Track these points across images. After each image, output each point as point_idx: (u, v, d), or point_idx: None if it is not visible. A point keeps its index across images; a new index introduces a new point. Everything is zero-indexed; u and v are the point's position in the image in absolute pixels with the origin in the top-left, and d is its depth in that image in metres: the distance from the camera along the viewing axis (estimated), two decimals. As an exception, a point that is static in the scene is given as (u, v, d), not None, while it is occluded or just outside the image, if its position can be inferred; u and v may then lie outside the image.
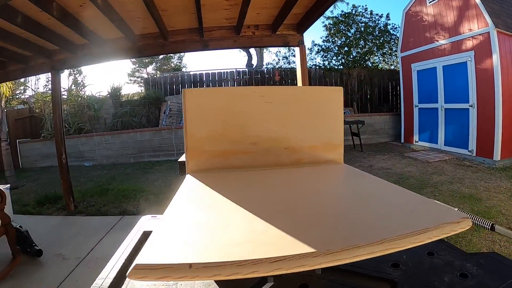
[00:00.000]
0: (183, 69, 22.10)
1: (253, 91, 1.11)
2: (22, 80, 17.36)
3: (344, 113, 10.96)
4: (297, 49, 5.02)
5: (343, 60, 12.89)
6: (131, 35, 5.17)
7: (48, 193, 6.43)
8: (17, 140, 9.78)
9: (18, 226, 4.00)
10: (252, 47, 5.12)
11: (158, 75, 18.50)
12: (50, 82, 20.21)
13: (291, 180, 0.98)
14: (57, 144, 6.10)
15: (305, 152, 1.11)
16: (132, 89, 25.98)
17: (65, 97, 12.02)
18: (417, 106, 9.48)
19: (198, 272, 0.45)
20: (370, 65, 13.19)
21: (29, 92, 15.61)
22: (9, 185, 5.30)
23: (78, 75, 21.40)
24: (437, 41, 8.52)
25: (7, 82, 8.03)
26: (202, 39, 5.21)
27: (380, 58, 13.71)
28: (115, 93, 12.53)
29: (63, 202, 5.87)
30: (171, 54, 22.15)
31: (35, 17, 4.09)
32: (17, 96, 17.97)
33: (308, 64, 13.21)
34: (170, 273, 0.45)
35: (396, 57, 11.73)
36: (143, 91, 13.77)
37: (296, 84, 4.94)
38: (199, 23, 4.63)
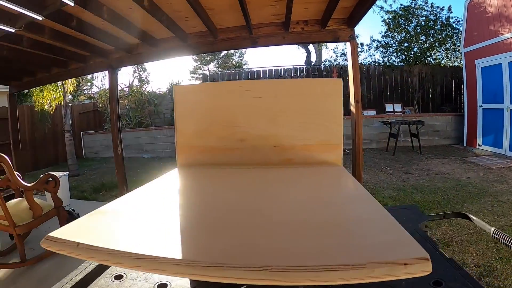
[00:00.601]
0: (244, 66, 22.41)
1: (240, 86, 1.03)
2: (89, 77, 19.00)
3: (404, 112, 10.29)
4: (348, 45, 4.72)
5: (403, 57, 12.04)
6: (182, 34, 5.28)
7: (105, 181, 6.90)
8: (81, 132, 10.67)
9: (71, 209, 4.30)
10: (301, 43, 4.97)
11: (216, 72, 18.97)
12: (117, 78, 21.64)
13: (269, 181, 0.85)
14: (113, 136, 6.49)
15: (296, 151, 0.97)
16: None
17: (127, 93, 12.82)
18: (481, 106, 8.51)
19: (82, 251, 0.48)
20: (432, 61, 12.15)
21: (95, 89, 16.88)
22: (67, 172, 5.75)
23: (142, 72, 22.90)
24: (502, 34, 7.55)
25: (71, 79, 8.70)
26: (251, 36, 5.15)
27: (443, 54, 12.56)
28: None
29: (117, 190, 6.24)
30: (232, 52, 22.74)
31: (88, 20, 4.35)
32: (84, 92, 19.70)
33: (367, 61, 12.66)
34: (62, 247, 0.50)
35: (460, 53, 10.67)
36: None
37: (354, 80, 4.65)
38: (246, 20, 4.59)
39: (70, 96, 17.32)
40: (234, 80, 12.76)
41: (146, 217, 0.62)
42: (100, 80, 19.99)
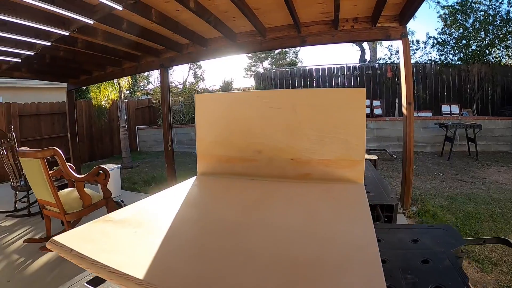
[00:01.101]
0: (298, 64, 22.21)
1: (258, 96, 1.00)
2: (145, 74, 19.98)
3: (461, 114, 9.54)
4: (399, 43, 4.45)
5: (461, 55, 11.06)
6: (230, 33, 5.36)
7: (156, 175, 7.24)
8: (136, 127, 11.29)
9: (119, 200, 4.57)
10: (351, 42, 4.79)
11: (268, 70, 19.02)
12: (171, 76, 22.59)
13: (277, 198, 0.81)
14: (164, 132, 6.80)
15: (314, 166, 0.91)
16: (248, 83, 27.30)
17: (181, 90, 13.30)
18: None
19: (75, 258, 0.54)
20: (492, 60, 11.01)
21: (151, 85, 17.70)
22: (120, 165, 6.10)
23: (197, 69, 23.63)
24: None
25: (127, 77, 9.21)
26: (300, 35, 5.07)
27: (503, 52, 11.32)
28: (226, 86, 13.28)
29: (166, 184, 6.49)
30: (286, 49, 22.72)
31: (138, 22, 4.55)
32: (141, 88, 20.77)
33: (422, 59, 11.89)
34: (60, 251, 0.56)
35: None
36: (253, 85, 14.29)
37: (406, 81, 4.39)
38: (293, 19, 4.52)
39: (127, 92, 18.46)
40: (286, 78, 12.73)
41: (140, 231, 0.64)
42: (156, 77, 20.89)
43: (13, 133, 4.86)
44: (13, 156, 4.45)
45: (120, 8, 3.59)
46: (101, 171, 3.80)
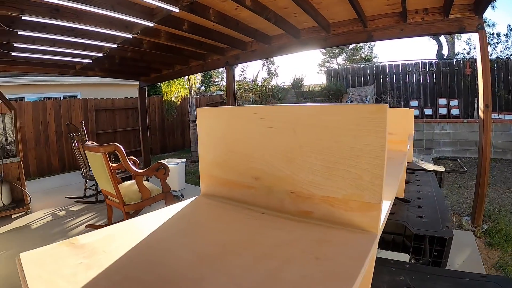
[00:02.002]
0: (374, 60, 21.16)
1: (254, 112, 0.83)
2: (220, 70, 20.76)
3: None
4: (475, 36, 3.84)
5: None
6: (293, 30, 5.22)
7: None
8: (206, 122, 11.81)
9: (179, 195, 4.72)
10: (421, 35, 4.23)
11: (340, 67, 18.38)
12: (244, 72, 23.34)
13: (263, 243, 0.63)
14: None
15: (316, 203, 0.70)
16: (320, 79, 26.89)
17: (251, 86, 13.51)
18: None
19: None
20: None
21: (225, 82, 18.36)
22: (184, 160, 6.42)
23: (271, 65, 23.81)
24: None
25: (196, 74, 9.62)
26: (366, 29, 4.72)
27: None
28: (297, 83, 13.13)
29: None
30: (361, 44, 21.91)
31: (198, 22, 4.63)
32: (215, 83, 21.62)
33: (504, 54, 10.45)
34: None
35: None
36: (324, 82, 13.95)
37: (483, 79, 3.78)
38: (357, 12, 4.19)
39: (202, 87, 19.47)
40: (358, 75, 12.07)
41: (85, 262, 0.59)
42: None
43: (84, 128, 5.32)
44: (83, 148, 4.87)
45: (177, 10, 3.66)
46: (161, 167, 3.93)
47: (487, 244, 3.68)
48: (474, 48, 11.00)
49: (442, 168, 2.89)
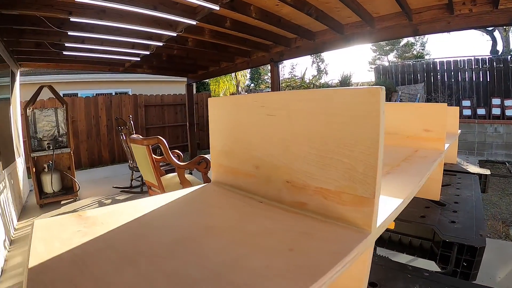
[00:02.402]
0: (426, 57, 20.12)
1: (254, 100, 0.83)
2: (269, 67, 21.04)
3: None
4: None
5: None
6: (337, 25, 5.11)
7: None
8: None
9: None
10: (470, 28, 3.92)
11: (389, 64, 17.72)
12: (293, 69, 23.30)
13: (250, 227, 0.64)
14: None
15: (310, 194, 0.68)
16: (369, 77, 26.22)
17: (299, 83, 13.48)
18: None
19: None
20: None
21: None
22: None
23: (320, 62, 23.53)
24: None
25: (244, 72, 9.76)
26: (411, 23, 4.50)
27: None
28: (345, 81, 12.89)
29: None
30: (412, 41, 21.05)
31: (240, 19, 4.68)
32: (265, 81, 21.77)
33: None
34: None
35: None
36: (373, 80, 13.58)
37: None
38: (401, 5, 4.00)
39: (252, 85, 19.75)
40: (408, 72, 11.53)
41: (84, 231, 0.64)
42: (280, 70, 21.63)
43: (132, 122, 5.62)
44: (129, 141, 5.15)
45: (217, 8, 3.74)
46: (202, 160, 4.04)
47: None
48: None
49: (487, 171, 2.67)
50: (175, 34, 4.64)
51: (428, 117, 1.87)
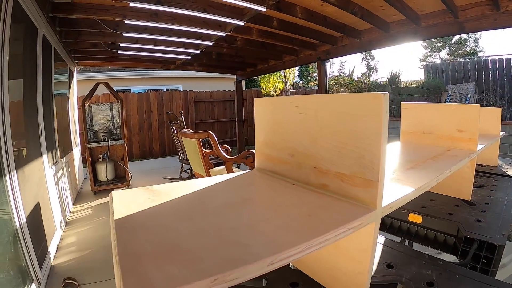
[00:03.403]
0: (480, 54, 18.95)
1: (290, 101, 1.02)
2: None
3: None
4: None
5: None
6: (382, 23, 5.12)
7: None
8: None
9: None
10: None
11: (440, 62, 16.90)
12: (342, 66, 22.94)
13: (279, 200, 0.88)
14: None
15: (331, 178, 0.86)
16: (418, 75, 25.19)
17: (347, 81, 13.38)
18: None
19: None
20: None
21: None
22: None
23: (370, 60, 23.03)
24: None
25: (293, 69, 9.92)
26: (457, 20, 4.42)
27: None
28: (394, 79, 12.61)
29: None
30: (465, 38, 19.91)
31: (287, 19, 4.85)
32: (314, 78, 21.73)
33: None
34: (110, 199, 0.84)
35: None
36: (422, 78, 13.13)
37: None
38: (445, 2, 3.95)
39: (301, 82, 19.82)
40: (458, 71, 11.03)
41: (153, 198, 0.84)
42: (328, 68, 21.44)
43: (183, 117, 5.99)
44: (180, 135, 5.51)
45: (264, 9, 3.94)
46: (249, 155, 4.25)
47: None
48: None
49: (526, 173, 2.61)
50: (224, 34, 4.92)
51: (462, 117, 1.92)
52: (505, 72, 9.66)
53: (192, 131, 3.99)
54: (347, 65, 24.56)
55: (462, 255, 1.48)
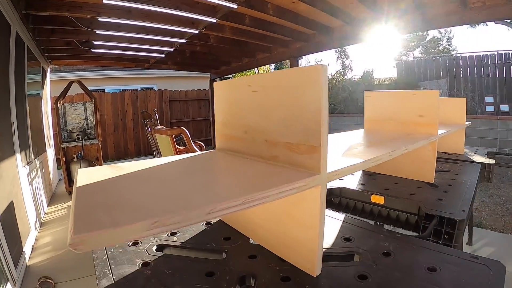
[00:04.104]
0: (452, 52, 19.59)
1: (244, 81, 1.06)
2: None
3: None
4: None
5: None
6: (352, 20, 5.23)
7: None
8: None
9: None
10: (484, 21, 3.92)
11: (412, 60, 17.37)
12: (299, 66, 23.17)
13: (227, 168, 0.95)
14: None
15: (280, 149, 0.91)
16: (392, 73, 25.84)
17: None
18: None
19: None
20: None
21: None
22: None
23: (345, 59, 23.40)
24: None
25: (267, 67, 10.00)
26: (425, 17, 4.56)
27: None
28: (367, 76, 12.88)
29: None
30: (438, 36, 20.79)
31: (259, 17, 4.91)
32: None
33: None
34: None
35: None
36: (395, 75, 13.49)
37: None
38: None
39: None
40: (430, 68, 11.41)
41: (116, 172, 0.87)
42: (304, 65, 21.54)
43: (157, 115, 5.97)
44: (154, 132, 5.51)
45: (235, 6, 3.97)
46: None
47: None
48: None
49: (491, 161, 2.74)
50: (197, 32, 4.93)
51: (422, 103, 2.01)
52: (475, 69, 10.07)
53: (165, 127, 4.00)
54: (322, 63, 24.95)
55: (423, 231, 1.52)
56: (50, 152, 6.12)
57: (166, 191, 0.71)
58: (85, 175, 0.82)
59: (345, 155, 1.13)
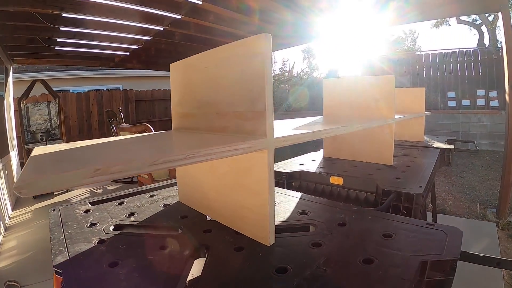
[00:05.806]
0: (417, 52, 20.37)
1: (197, 59, 1.08)
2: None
3: None
4: (499, 16, 3.75)
5: None
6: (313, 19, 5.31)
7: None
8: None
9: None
10: (440, 18, 4.15)
11: (375, 58, 17.95)
12: (284, 65, 22.83)
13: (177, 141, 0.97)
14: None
15: (230, 119, 0.93)
16: (357, 71, 26.62)
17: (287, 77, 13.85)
18: None
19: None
20: None
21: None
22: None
23: (312, 58, 23.86)
24: None
25: None
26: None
27: None
28: (332, 75, 13.20)
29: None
30: (403, 36, 21.60)
31: (223, 13, 4.90)
32: None
33: None
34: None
35: None
36: (358, 74, 13.93)
37: (508, 60, 3.71)
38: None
39: None
40: (394, 65, 11.83)
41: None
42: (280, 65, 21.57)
43: (122, 114, 5.85)
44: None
45: (200, 2, 3.96)
46: None
47: (510, 237, 3.60)
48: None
49: (450, 147, 2.87)
50: (162, 28, 4.88)
51: (379, 88, 2.09)
52: (438, 66, 10.51)
53: (129, 125, 3.95)
54: (288, 63, 25.39)
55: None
56: (14, 155, 5.87)
57: (115, 152, 0.74)
58: (40, 150, 0.81)
59: (298, 129, 1.17)
